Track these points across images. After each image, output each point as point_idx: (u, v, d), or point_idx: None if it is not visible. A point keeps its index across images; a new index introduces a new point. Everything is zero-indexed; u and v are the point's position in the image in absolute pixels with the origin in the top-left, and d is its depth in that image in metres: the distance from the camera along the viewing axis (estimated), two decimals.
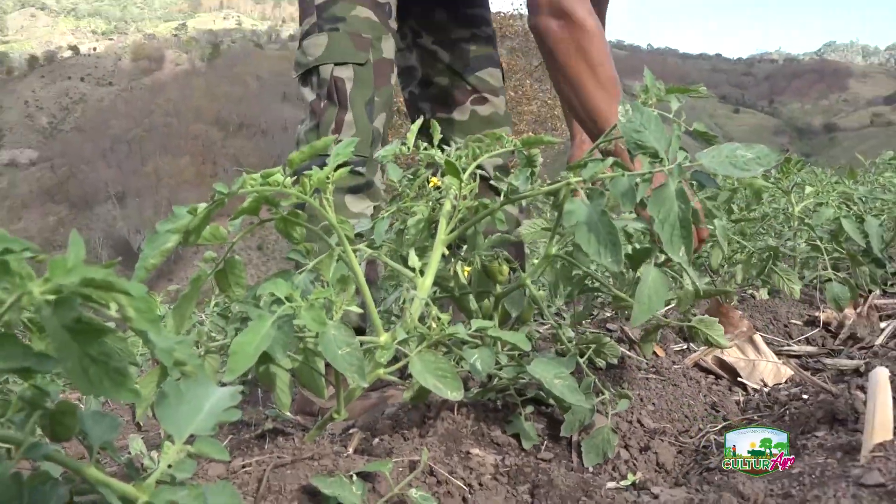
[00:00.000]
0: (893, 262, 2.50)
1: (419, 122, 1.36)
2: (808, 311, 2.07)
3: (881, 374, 0.93)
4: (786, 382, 1.51)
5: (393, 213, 1.39)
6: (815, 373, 1.56)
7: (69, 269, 0.50)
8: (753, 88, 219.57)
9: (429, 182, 1.35)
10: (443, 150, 1.24)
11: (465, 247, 1.40)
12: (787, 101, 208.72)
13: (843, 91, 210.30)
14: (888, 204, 2.64)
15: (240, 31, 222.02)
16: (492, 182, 1.95)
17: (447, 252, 1.31)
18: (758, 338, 1.63)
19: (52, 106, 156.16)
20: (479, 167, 2.10)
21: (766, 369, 1.56)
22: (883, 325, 1.87)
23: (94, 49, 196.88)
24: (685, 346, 1.70)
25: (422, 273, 1.12)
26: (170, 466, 0.67)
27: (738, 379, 1.54)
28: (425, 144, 1.29)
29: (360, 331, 1.74)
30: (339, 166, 1.05)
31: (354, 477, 0.90)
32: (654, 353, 1.56)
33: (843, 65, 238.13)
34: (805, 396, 1.28)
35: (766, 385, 1.52)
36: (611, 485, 1.08)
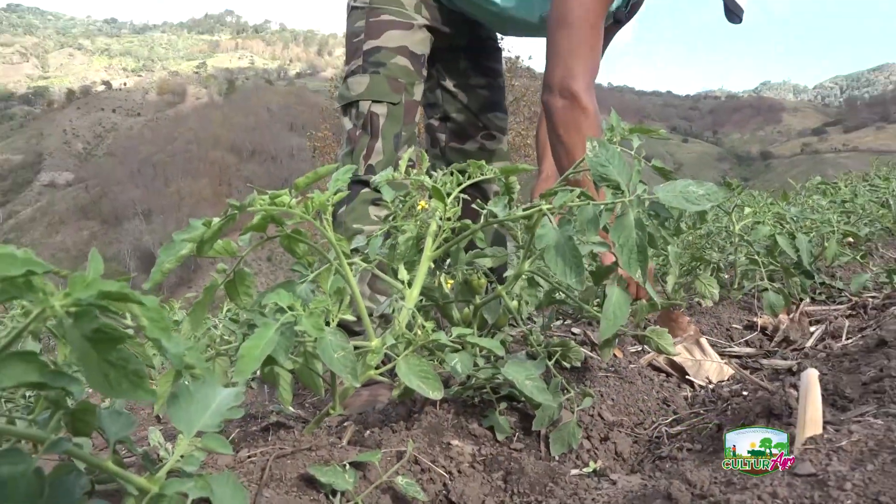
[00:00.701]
0: (821, 273, 2.51)
1: (410, 151, 1.37)
2: (747, 317, 2.07)
3: (811, 374, 0.93)
4: (728, 380, 1.50)
5: (386, 230, 1.38)
6: (754, 372, 1.55)
7: (87, 283, 0.48)
8: (700, 121, 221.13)
9: (418, 205, 1.34)
10: (430, 176, 1.24)
11: (448, 261, 1.39)
12: (728, 132, 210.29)
13: (777, 124, 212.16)
14: (816, 223, 2.66)
15: (253, 69, 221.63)
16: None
17: (433, 266, 1.30)
18: (703, 340, 1.62)
19: (87, 133, 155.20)
20: (481, 190, 2.13)
21: (711, 368, 1.56)
22: (812, 329, 1.87)
23: (125, 84, 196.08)
24: (640, 348, 1.69)
25: (410, 285, 1.11)
26: (182, 457, 0.66)
27: (687, 377, 1.53)
28: (415, 171, 1.29)
29: (354, 331, 1.73)
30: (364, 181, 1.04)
31: (347, 466, 0.89)
32: (613, 354, 1.55)
33: (776, 101, 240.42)
34: (745, 393, 1.27)
35: (710, 382, 1.51)
36: (574, 472, 1.07)
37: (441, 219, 1.18)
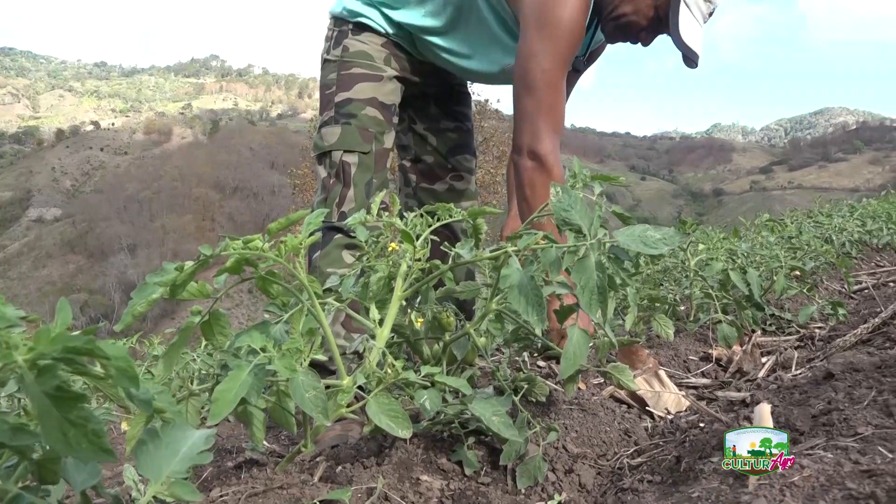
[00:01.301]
0: (771, 305, 2.53)
1: (381, 194, 1.37)
2: (703, 349, 2.07)
3: (764, 409, 0.92)
4: (686, 411, 1.49)
5: (358, 271, 1.36)
6: (710, 403, 1.55)
7: (53, 338, 0.46)
8: (656, 160, 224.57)
9: (389, 246, 1.33)
10: (402, 218, 1.23)
11: (419, 300, 1.37)
12: (683, 170, 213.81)
13: (728, 163, 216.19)
14: (765, 258, 2.69)
15: (236, 110, 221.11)
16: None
17: (404, 304, 1.29)
18: (662, 372, 1.62)
19: (75, 171, 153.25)
20: (450, 229, 2.13)
21: (670, 399, 1.55)
22: (764, 360, 1.88)
23: (113, 124, 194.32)
24: (603, 381, 1.68)
25: (381, 324, 1.09)
26: (154, 498, 0.63)
27: (647, 408, 1.52)
28: (387, 213, 1.28)
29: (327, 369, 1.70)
30: (343, 226, 1.02)
31: None
32: (577, 387, 1.54)
33: (727, 141, 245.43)
34: (702, 424, 1.26)
35: (669, 413, 1.51)
36: None
37: (411, 260, 1.17)
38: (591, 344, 1.05)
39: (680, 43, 1.74)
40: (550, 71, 1.71)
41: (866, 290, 2.91)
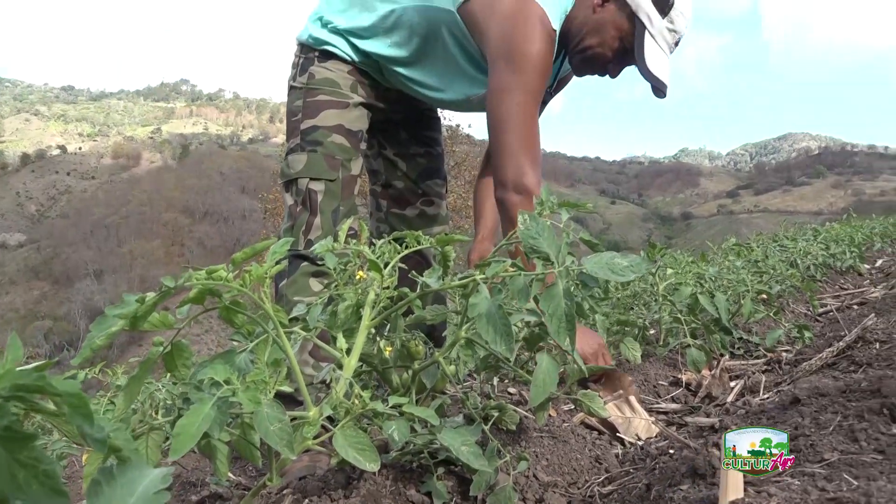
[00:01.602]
0: (738, 329, 2.56)
1: (349, 221, 1.36)
2: (672, 373, 2.08)
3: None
4: (656, 437, 1.50)
5: (326, 299, 1.35)
6: (679, 428, 1.55)
7: (1, 375, 0.44)
8: (626, 184, 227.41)
9: (357, 274, 1.32)
10: (372, 244, 1.23)
11: (388, 327, 1.36)
12: (652, 194, 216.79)
13: (696, 187, 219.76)
14: (733, 282, 2.72)
15: (206, 134, 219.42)
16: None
17: (373, 332, 1.27)
18: (633, 398, 1.62)
19: (41, 196, 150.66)
20: (421, 254, 2.12)
21: (640, 425, 1.55)
22: (732, 384, 1.89)
23: (80, 148, 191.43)
24: (573, 406, 1.68)
25: (348, 353, 1.08)
26: None
27: (617, 434, 1.52)
28: (355, 241, 1.27)
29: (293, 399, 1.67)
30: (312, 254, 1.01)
31: None
32: (548, 414, 1.53)
33: (694, 166, 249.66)
34: (671, 451, 1.26)
35: (640, 439, 1.51)
36: None
37: (379, 288, 1.16)
38: (560, 370, 1.04)
39: (647, 73, 1.76)
40: (525, 104, 1.72)
41: (831, 313, 2.96)
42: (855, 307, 3.12)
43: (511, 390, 1.84)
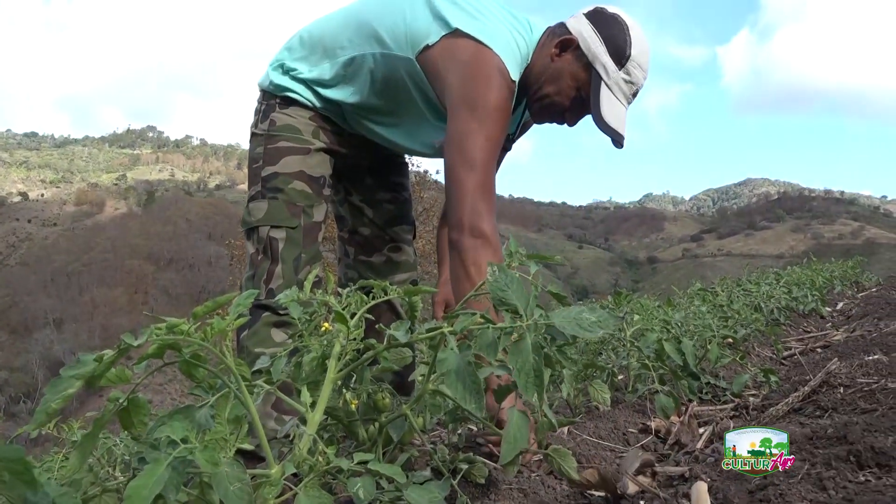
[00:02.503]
0: (706, 374, 2.57)
1: (315, 270, 1.35)
2: (641, 420, 2.07)
3: (701, 487, 0.92)
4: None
5: (290, 350, 1.32)
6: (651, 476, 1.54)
7: None
8: (592, 229, 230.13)
9: (322, 326, 1.30)
10: (339, 295, 1.21)
11: (354, 379, 1.34)
12: (618, 239, 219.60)
13: (660, 231, 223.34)
14: (698, 327, 2.75)
15: (173, 181, 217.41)
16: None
17: (339, 384, 1.25)
18: None
19: (0, 243, 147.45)
20: (388, 303, 2.10)
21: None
22: (701, 430, 1.89)
23: (42, 195, 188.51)
24: (541, 457, 1.66)
25: (313, 407, 1.06)
26: None
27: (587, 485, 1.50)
28: (320, 290, 1.25)
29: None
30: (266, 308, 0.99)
31: None
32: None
33: (659, 211, 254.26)
34: (642, 502, 1.25)
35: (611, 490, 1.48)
36: None
37: (345, 339, 1.14)
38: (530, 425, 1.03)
39: (601, 123, 1.77)
40: (486, 149, 1.72)
41: (795, 357, 3.00)
42: (818, 350, 3.16)
43: (480, 440, 1.81)
